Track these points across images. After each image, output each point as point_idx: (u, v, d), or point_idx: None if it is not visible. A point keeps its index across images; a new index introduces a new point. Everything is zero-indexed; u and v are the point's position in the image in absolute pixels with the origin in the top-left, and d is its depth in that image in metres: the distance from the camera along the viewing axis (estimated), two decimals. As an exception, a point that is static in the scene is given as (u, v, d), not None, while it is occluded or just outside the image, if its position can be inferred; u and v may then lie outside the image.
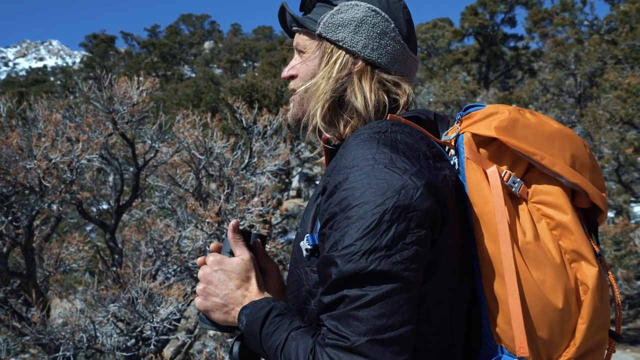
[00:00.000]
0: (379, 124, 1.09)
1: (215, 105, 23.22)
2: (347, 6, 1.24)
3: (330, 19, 1.23)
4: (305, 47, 1.29)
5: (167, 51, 51.24)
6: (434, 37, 33.82)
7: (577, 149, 1.16)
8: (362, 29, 1.22)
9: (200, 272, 1.24)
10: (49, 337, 5.33)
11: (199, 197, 7.27)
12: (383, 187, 0.97)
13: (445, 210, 1.02)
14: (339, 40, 1.23)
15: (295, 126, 1.33)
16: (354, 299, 0.94)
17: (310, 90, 1.25)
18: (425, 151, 1.06)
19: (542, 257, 1.07)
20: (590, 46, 20.27)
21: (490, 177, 1.09)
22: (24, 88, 42.32)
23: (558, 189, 1.13)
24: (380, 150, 1.01)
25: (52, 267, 6.93)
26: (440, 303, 1.04)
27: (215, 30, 69.49)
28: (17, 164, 5.87)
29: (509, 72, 31.46)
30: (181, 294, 5.64)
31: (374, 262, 0.93)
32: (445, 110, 18.12)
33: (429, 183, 0.99)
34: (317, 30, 1.24)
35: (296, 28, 1.31)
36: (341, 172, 1.02)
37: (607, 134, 13.41)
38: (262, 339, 1.08)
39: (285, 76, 1.33)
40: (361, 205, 0.96)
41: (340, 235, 0.97)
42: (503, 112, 1.15)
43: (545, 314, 1.04)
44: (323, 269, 1.00)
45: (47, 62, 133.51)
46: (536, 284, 1.05)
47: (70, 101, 7.90)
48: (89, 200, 8.02)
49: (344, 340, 0.93)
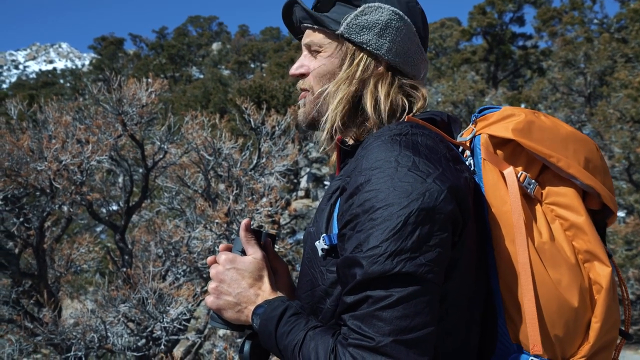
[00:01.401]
0: (399, 126, 1.09)
1: (223, 106, 23.29)
2: (371, 8, 1.22)
3: (355, 20, 1.21)
4: (321, 46, 1.26)
5: (175, 53, 51.43)
6: (442, 36, 33.71)
7: (590, 152, 1.19)
8: (386, 33, 1.21)
9: (213, 271, 1.24)
10: (60, 337, 5.37)
11: (208, 198, 7.30)
12: (407, 189, 0.97)
13: (466, 213, 1.03)
14: (363, 42, 1.21)
15: (306, 125, 1.31)
16: (378, 299, 0.95)
17: (330, 92, 1.23)
18: (445, 153, 1.07)
19: (557, 257, 1.09)
20: (600, 45, 20.12)
21: (507, 178, 1.11)
22: (34, 90, 42.67)
23: (572, 190, 1.15)
24: (402, 153, 1.02)
25: (63, 268, 6.99)
26: (458, 303, 1.05)
27: (223, 32, 69.71)
28: (28, 166, 5.93)
29: (518, 72, 31.30)
30: (191, 294, 5.66)
31: (400, 264, 0.94)
32: (453, 110, 18.06)
33: (453, 187, 1.00)
34: (339, 31, 1.22)
35: (309, 25, 1.27)
36: (362, 173, 1.02)
37: (618, 133, 13.31)
38: (278, 338, 1.08)
39: (295, 74, 1.31)
40: (386, 207, 0.97)
41: (364, 236, 0.98)
42: (519, 115, 1.16)
43: (561, 313, 1.06)
44: (346, 270, 1.00)
45: (57, 65, 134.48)
46: (553, 283, 1.06)
47: (79, 103, 7.95)
48: (99, 201, 8.08)
49: (368, 341, 0.94)
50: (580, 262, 1.12)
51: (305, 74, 1.29)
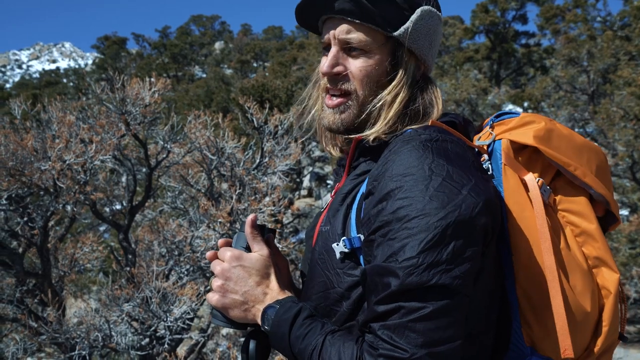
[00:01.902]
0: (427, 131, 1.08)
1: (226, 106, 23.30)
2: (427, 13, 1.17)
3: (415, 25, 1.15)
4: (367, 45, 1.16)
5: (178, 52, 51.46)
6: (444, 35, 33.63)
7: (601, 162, 1.20)
8: (435, 39, 1.21)
9: (218, 268, 1.19)
10: (64, 336, 5.39)
11: (211, 197, 7.31)
12: (444, 200, 0.96)
13: (497, 224, 1.03)
14: (417, 48, 1.17)
15: (344, 130, 1.22)
16: (412, 310, 0.94)
17: (386, 100, 1.16)
18: (473, 161, 1.07)
19: (572, 263, 1.10)
20: (603, 42, 20.05)
21: (529, 184, 1.11)
22: (37, 90, 42.76)
23: (584, 198, 1.16)
24: (436, 161, 1.00)
25: (67, 267, 7.01)
26: (478, 308, 1.05)
27: (226, 31, 69.73)
28: (32, 166, 5.94)
29: (521, 70, 31.24)
30: (194, 293, 5.67)
31: (436, 276, 0.94)
32: (456, 109, 18.03)
33: (488, 200, 1.00)
34: (396, 34, 1.15)
35: (353, 20, 1.15)
36: (394, 179, 1.00)
37: (621, 131, 13.26)
38: (292, 341, 1.06)
39: (331, 72, 1.19)
40: (422, 217, 0.96)
41: (399, 245, 0.96)
42: (540, 122, 1.17)
43: (576, 318, 1.07)
44: (377, 278, 0.99)
45: (60, 64, 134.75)
46: (570, 289, 1.07)
47: (83, 103, 7.97)
48: (103, 200, 8.10)
49: (401, 352, 0.93)
50: (590, 267, 1.13)
51: (343, 73, 1.19)
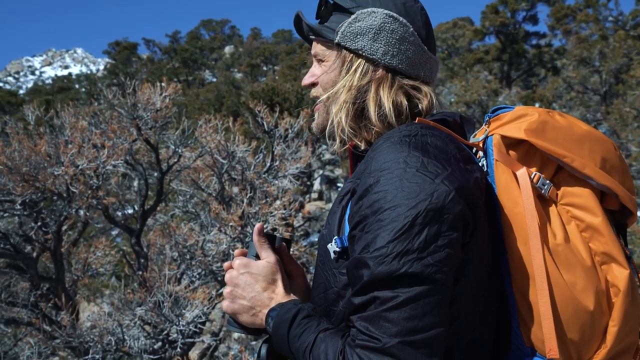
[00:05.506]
0: (409, 127, 1.09)
1: (236, 110, 23.38)
2: (365, 14, 1.22)
3: (349, 27, 1.22)
4: (324, 55, 1.29)
5: (189, 56, 51.74)
6: (454, 36, 33.53)
7: (607, 152, 1.16)
8: (380, 36, 1.21)
9: (227, 276, 1.25)
10: (78, 340, 5.43)
11: (222, 201, 7.33)
12: (415, 190, 0.97)
13: (477, 213, 1.02)
14: (358, 48, 1.22)
15: (320, 136, 1.34)
16: (385, 300, 0.95)
17: (331, 99, 1.25)
18: (455, 153, 1.07)
19: (572, 259, 1.07)
20: (616, 42, 19.88)
21: (520, 179, 1.10)
22: (50, 96, 43.18)
23: (588, 191, 1.13)
24: (411, 154, 1.02)
25: (80, 272, 7.08)
26: (470, 304, 1.05)
27: (235, 35, 70.05)
28: (45, 171, 6.01)
29: (532, 71, 31.03)
30: (206, 297, 5.69)
31: (406, 265, 0.94)
32: (467, 110, 17.95)
33: (461, 187, 0.99)
34: (336, 40, 1.24)
35: (313, 37, 1.31)
36: (372, 175, 1.03)
37: (634, 131, 13.12)
38: (290, 340, 1.09)
39: (306, 84, 1.34)
40: (394, 208, 0.97)
41: (372, 237, 0.98)
42: (533, 114, 1.15)
43: (577, 316, 1.04)
44: (354, 271, 1.01)
45: (72, 70, 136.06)
46: (567, 286, 1.05)
47: (95, 108, 8.04)
48: (115, 205, 8.16)
49: (375, 342, 0.94)
50: (597, 264, 1.09)
51: (315, 83, 1.32)
